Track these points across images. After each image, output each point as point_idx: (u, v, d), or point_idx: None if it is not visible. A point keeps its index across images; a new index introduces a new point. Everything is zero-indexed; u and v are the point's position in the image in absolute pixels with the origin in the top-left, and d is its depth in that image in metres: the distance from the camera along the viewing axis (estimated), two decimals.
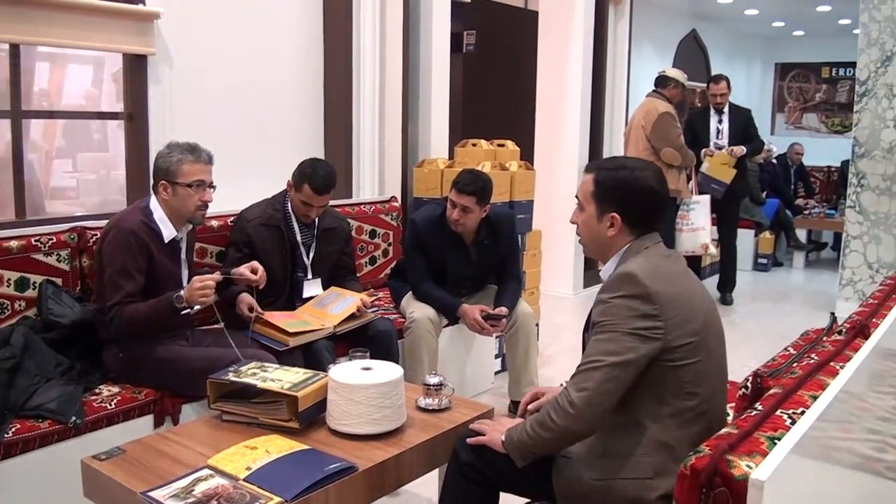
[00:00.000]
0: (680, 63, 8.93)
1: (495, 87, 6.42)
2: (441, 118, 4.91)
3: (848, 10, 8.34)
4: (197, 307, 2.76)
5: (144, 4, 3.63)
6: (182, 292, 2.67)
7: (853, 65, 5.93)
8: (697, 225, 5.87)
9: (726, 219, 6.33)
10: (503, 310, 3.56)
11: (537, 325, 4.14)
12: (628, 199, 1.97)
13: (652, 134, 5.58)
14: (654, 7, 8.47)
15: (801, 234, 8.54)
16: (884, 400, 2.30)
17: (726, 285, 6.53)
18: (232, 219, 3.43)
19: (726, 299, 6.47)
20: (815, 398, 1.31)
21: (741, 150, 6.03)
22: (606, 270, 2.01)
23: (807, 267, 8.52)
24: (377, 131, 4.59)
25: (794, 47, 11.49)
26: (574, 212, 2.09)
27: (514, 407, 3.75)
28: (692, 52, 9.72)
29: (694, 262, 6.36)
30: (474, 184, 3.47)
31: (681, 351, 1.81)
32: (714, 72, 7.26)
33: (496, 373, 4.28)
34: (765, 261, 8.15)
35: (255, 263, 3.02)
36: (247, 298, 3.06)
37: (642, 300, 1.80)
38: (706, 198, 5.93)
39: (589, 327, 1.96)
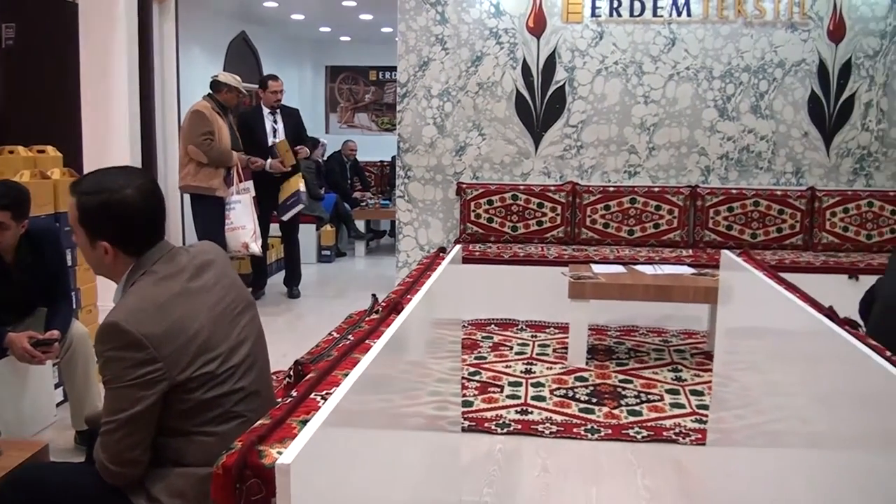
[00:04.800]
0: (232, 65, 8.96)
1: (40, 87, 5.80)
2: None
3: (389, 19, 8.91)
4: None
5: None
6: None
7: (396, 69, 6.53)
8: (237, 224, 5.76)
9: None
10: (54, 333, 3.26)
11: None
12: (114, 225, 1.86)
13: (182, 132, 5.71)
14: (201, 8, 8.37)
15: (361, 225, 9.19)
16: (442, 364, 2.58)
17: (292, 280, 6.76)
18: None
19: (293, 293, 6.71)
20: (346, 376, 1.40)
21: (305, 151, 6.45)
22: (116, 295, 1.93)
23: (368, 254, 9.20)
24: None
25: (342, 52, 12.20)
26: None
27: (80, 438, 3.47)
28: (243, 55, 9.81)
29: (259, 258, 6.41)
30: (7, 197, 3.14)
31: (196, 381, 1.79)
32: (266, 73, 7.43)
33: (58, 404, 3.90)
34: (328, 252, 8.60)
35: None
36: None
37: (131, 349, 1.72)
38: (247, 196, 5.85)
39: None
